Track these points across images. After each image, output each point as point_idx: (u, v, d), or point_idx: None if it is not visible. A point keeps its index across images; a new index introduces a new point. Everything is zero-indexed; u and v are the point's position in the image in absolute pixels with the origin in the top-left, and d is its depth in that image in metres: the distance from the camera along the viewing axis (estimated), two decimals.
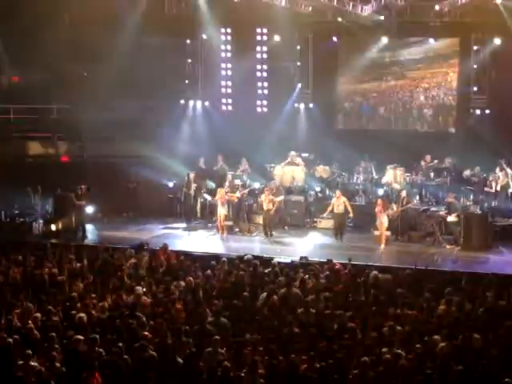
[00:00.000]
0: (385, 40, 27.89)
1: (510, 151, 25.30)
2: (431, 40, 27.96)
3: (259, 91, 30.36)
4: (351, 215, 23.83)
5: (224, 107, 30.72)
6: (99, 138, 26.75)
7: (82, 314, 13.81)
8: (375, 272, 17.37)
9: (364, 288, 16.47)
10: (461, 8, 26.04)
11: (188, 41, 29.99)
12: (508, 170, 24.85)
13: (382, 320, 14.15)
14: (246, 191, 25.55)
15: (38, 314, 14.03)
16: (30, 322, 13.61)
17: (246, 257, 19.07)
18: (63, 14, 27.23)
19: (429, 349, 12.61)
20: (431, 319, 14.39)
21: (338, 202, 23.43)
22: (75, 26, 26.99)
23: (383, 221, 22.59)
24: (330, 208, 23.65)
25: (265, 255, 20.19)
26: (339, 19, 27.10)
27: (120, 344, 12.21)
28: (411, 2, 26.49)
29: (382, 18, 26.91)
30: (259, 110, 30.50)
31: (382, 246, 22.45)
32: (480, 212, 23.18)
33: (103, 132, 26.51)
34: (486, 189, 24.86)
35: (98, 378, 11.27)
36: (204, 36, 29.82)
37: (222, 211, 24.20)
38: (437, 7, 26.28)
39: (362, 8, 26.59)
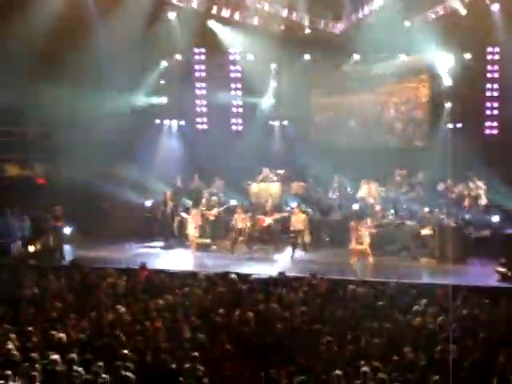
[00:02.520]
0: (356, 56, 28.20)
1: (481, 164, 25.63)
2: (403, 56, 28.21)
3: (234, 109, 30.56)
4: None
5: (199, 126, 30.88)
6: (75, 159, 26.74)
7: (62, 334, 13.88)
8: (352, 286, 17.58)
9: (342, 302, 16.65)
10: (431, 24, 26.39)
11: (164, 62, 30.05)
12: (479, 183, 25.22)
13: (359, 333, 14.33)
14: (223, 209, 25.73)
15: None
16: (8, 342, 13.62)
17: (224, 274, 19.19)
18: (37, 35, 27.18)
19: (406, 361, 12.81)
20: (407, 331, 14.58)
21: (298, 218, 23.69)
22: (50, 47, 27.01)
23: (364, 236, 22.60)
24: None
25: (243, 272, 20.33)
26: (307, 33, 27.38)
27: (99, 363, 12.28)
28: (381, 19, 26.75)
29: (353, 34, 27.21)
30: (234, 128, 30.68)
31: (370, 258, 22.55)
32: (454, 224, 23.42)
33: (79, 153, 26.51)
34: (459, 202, 25.14)
35: None
36: (178, 56, 29.96)
37: (192, 231, 24.41)
38: (407, 23, 26.62)
39: (333, 25, 26.94)
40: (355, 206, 25.85)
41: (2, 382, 11.82)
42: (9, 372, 11.98)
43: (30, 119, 27.73)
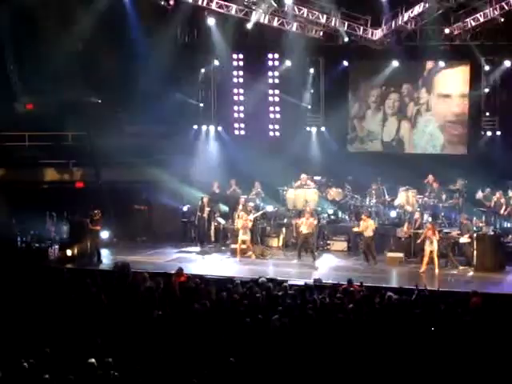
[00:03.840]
0: (395, 64, 28.09)
1: None
2: (441, 63, 28.08)
3: (271, 115, 30.54)
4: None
5: (237, 132, 30.91)
6: (113, 163, 26.95)
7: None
8: (390, 293, 17.45)
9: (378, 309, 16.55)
10: (470, 31, 26.26)
11: (202, 70, 30.20)
12: None
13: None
14: (259, 214, 25.73)
15: None
16: None
17: (260, 280, 19.16)
18: (77, 41, 27.47)
19: None
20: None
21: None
22: (88, 52, 27.31)
23: (434, 244, 22.58)
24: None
25: (278, 278, 20.30)
26: (346, 40, 27.34)
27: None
28: (421, 26, 26.69)
29: (392, 41, 27.13)
30: (271, 134, 30.67)
31: (437, 270, 22.44)
32: (492, 233, 23.26)
33: (118, 158, 26.71)
34: (497, 210, 24.95)
35: None
36: (216, 62, 30.05)
37: (243, 237, 24.42)
38: (447, 30, 26.50)
39: (372, 32, 26.88)
40: (393, 214, 25.73)
41: None
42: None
43: (69, 123, 27.98)
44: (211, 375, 12.29)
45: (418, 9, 25.57)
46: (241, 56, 30.15)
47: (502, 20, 25.19)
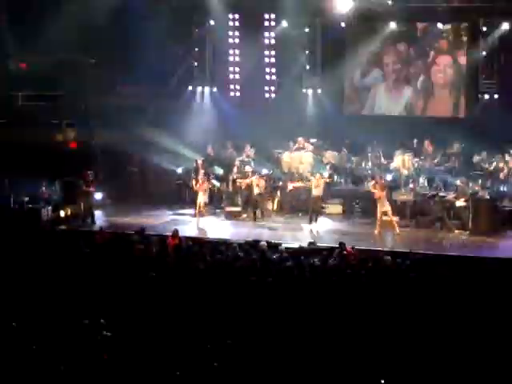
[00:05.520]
0: (393, 25, 27.81)
1: None
2: (439, 25, 27.83)
3: (267, 77, 30.27)
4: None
5: (232, 93, 30.64)
6: (107, 124, 26.72)
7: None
8: (387, 257, 17.37)
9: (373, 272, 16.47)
10: None
11: (196, 29, 29.90)
12: None
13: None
14: (255, 177, 25.55)
15: None
16: None
17: (256, 242, 19.04)
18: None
19: None
20: None
21: (317, 183, 23.65)
22: (83, 11, 26.97)
23: (386, 205, 22.59)
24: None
25: (273, 241, 20.20)
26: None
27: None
28: None
29: (390, 2, 26.85)
30: (267, 95, 30.42)
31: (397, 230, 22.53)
32: (489, 197, 23.19)
33: (111, 118, 26.48)
34: (494, 174, 24.84)
35: None
36: (211, 22, 29.73)
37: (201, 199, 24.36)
38: None
39: None
40: (389, 177, 25.62)
41: None
42: None
43: (63, 83, 27.72)
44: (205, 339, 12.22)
45: None
46: (237, 16, 29.81)
47: None
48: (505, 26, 26.69)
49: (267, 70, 30.17)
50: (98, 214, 24.43)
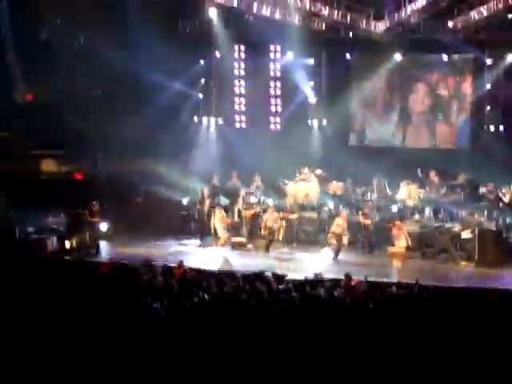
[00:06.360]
0: (398, 57, 27.92)
1: None
2: (444, 56, 27.93)
3: (273, 108, 30.39)
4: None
5: (237, 124, 30.76)
6: (112, 155, 26.79)
7: None
8: (392, 288, 17.30)
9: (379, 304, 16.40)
10: (474, 24, 26.09)
11: (201, 61, 30.03)
12: None
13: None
14: (260, 208, 25.54)
15: None
16: None
17: (264, 274, 18.96)
18: (78, 33, 27.32)
19: None
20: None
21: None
22: (88, 42, 27.14)
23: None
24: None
25: (278, 272, 20.12)
26: (351, 35, 27.19)
27: None
28: (424, 19, 26.52)
29: (395, 34, 27.00)
30: (273, 126, 30.51)
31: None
32: (495, 228, 23.10)
33: (117, 149, 26.55)
34: (500, 205, 24.78)
35: None
36: (217, 54, 29.86)
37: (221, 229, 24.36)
38: (450, 24, 26.33)
39: (375, 25, 26.71)
40: (394, 208, 25.56)
41: None
42: None
43: (69, 114, 27.85)
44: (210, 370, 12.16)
45: (421, 1, 25.42)
46: (242, 47, 29.99)
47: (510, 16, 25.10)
48: (510, 57, 26.76)
49: (272, 100, 30.28)
50: (102, 244, 24.38)
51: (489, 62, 27.50)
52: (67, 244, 23.93)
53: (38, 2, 26.29)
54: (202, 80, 30.37)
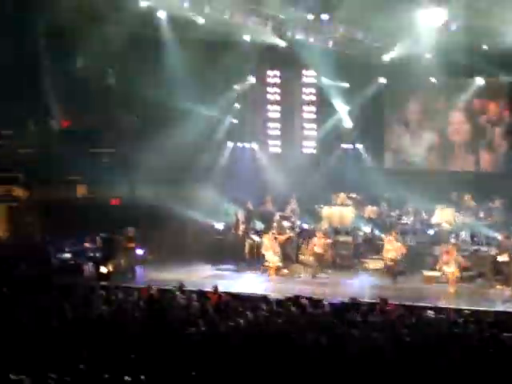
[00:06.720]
0: (433, 80, 27.88)
1: None
2: (478, 79, 27.85)
3: (306, 132, 30.46)
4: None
5: (272, 149, 30.83)
6: (149, 180, 26.91)
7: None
8: (429, 312, 17.18)
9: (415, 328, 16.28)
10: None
11: (237, 86, 30.17)
12: None
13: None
14: (294, 233, 25.52)
15: None
16: None
17: (295, 298, 18.94)
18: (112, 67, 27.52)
19: None
20: None
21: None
22: (123, 76, 27.34)
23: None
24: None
25: (314, 296, 20.07)
26: (383, 57, 27.22)
27: None
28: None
29: (429, 57, 26.95)
30: (307, 151, 30.55)
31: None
32: None
33: (152, 175, 26.67)
34: None
35: None
36: (252, 79, 29.99)
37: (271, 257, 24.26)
38: (485, 46, 26.23)
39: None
40: (430, 232, 25.43)
41: None
42: None
43: (104, 140, 28.04)
44: None
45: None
46: (276, 73, 30.11)
47: None
48: None
49: (306, 125, 30.35)
50: (138, 269, 24.48)
51: None
52: (103, 269, 24.07)
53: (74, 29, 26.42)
54: (236, 105, 30.48)
